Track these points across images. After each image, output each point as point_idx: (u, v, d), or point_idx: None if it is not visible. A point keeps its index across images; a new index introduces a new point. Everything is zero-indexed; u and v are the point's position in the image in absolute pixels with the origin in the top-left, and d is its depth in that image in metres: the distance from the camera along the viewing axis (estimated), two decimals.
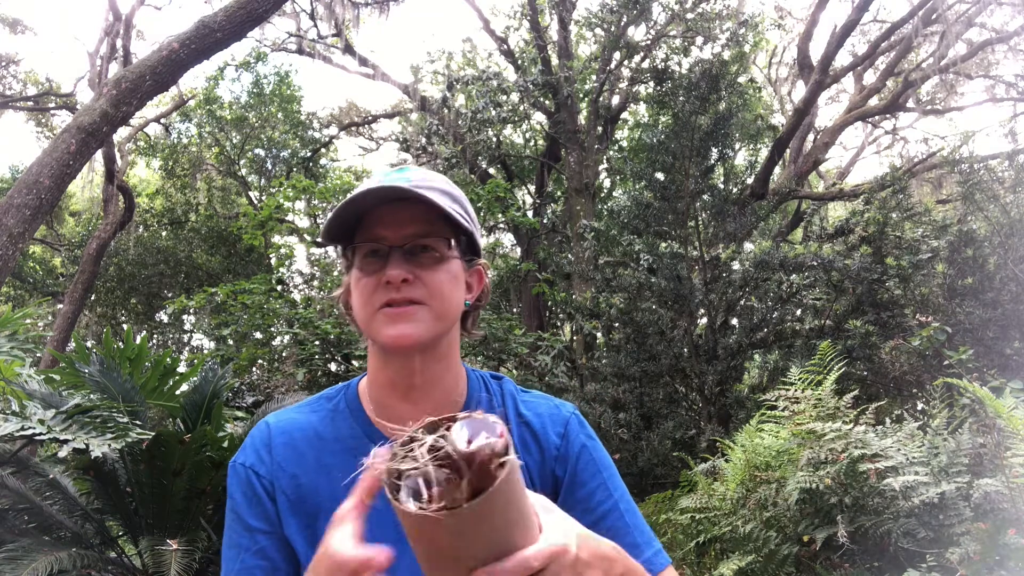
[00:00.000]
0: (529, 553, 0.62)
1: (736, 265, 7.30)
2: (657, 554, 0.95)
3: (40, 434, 2.88)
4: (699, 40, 11.81)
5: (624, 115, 15.35)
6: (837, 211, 14.64)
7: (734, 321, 7.87)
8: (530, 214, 13.85)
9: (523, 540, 0.62)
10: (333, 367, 6.73)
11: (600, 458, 1.00)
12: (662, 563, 0.94)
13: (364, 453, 0.94)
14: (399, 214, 0.91)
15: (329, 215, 0.91)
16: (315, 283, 8.95)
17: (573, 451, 0.99)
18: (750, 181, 10.61)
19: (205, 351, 14.54)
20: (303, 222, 14.82)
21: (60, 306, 13.35)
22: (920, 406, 6.01)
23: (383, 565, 0.59)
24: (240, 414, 5.26)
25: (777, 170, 12.13)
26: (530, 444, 0.99)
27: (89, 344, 11.64)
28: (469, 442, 0.57)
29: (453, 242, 0.94)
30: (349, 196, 0.90)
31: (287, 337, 7.44)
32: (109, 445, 2.86)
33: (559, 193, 15.15)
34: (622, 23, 11.92)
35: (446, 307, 0.92)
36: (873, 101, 12.93)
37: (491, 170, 14.16)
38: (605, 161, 14.34)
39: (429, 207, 0.91)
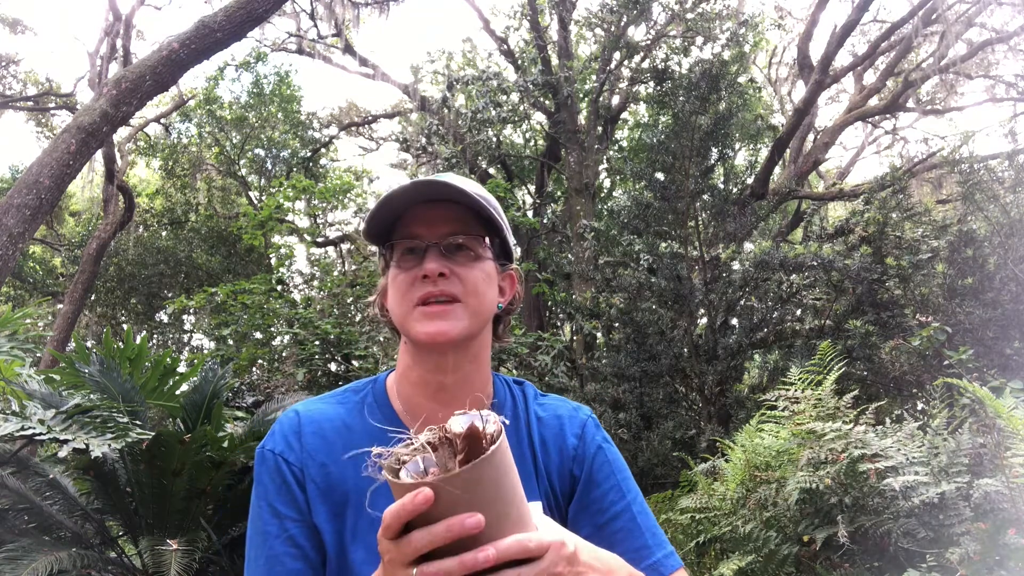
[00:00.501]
0: (525, 536, 0.63)
1: (736, 265, 7.30)
2: (668, 556, 0.96)
3: (40, 434, 2.87)
4: (699, 40, 11.80)
5: (624, 115, 15.35)
6: (837, 211, 14.65)
7: (734, 321, 7.87)
8: (530, 214, 13.85)
9: (518, 529, 0.64)
10: (333, 367, 6.72)
11: (615, 460, 1.02)
12: (673, 565, 0.95)
13: (388, 445, 0.95)
14: (435, 213, 0.93)
15: (369, 212, 0.93)
16: (315, 283, 8.95)
17: (589, 452, 1.01)
18: (750, 181, 10.61)
19: (205, 351, 14.53)
20: (303, 222, 14.85)
21: (60, 306, 13.35)
22: (920, 406, 6.01)
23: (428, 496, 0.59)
24: (240, 414, 5.26)
25: (777, 170, 12.13)
26: (549, 444, 1.01)
27: (89, 344, 11.64)
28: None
29: (487, 241, 0.96)
30: (389, 192, 0.92)
31: (287, 337, 7.44)
32: (109, 445, 2.86)
33: (559, 193, 15.14)
34: (622, 23, 11.92)
35: (481, 304, 0.94)
36: (873, 101, 12.93)
37: (491, 170, 14.16)
38: (605, 161, 14.34)
39: (465, 208, 0.93)
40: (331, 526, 0.91)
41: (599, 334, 9.32)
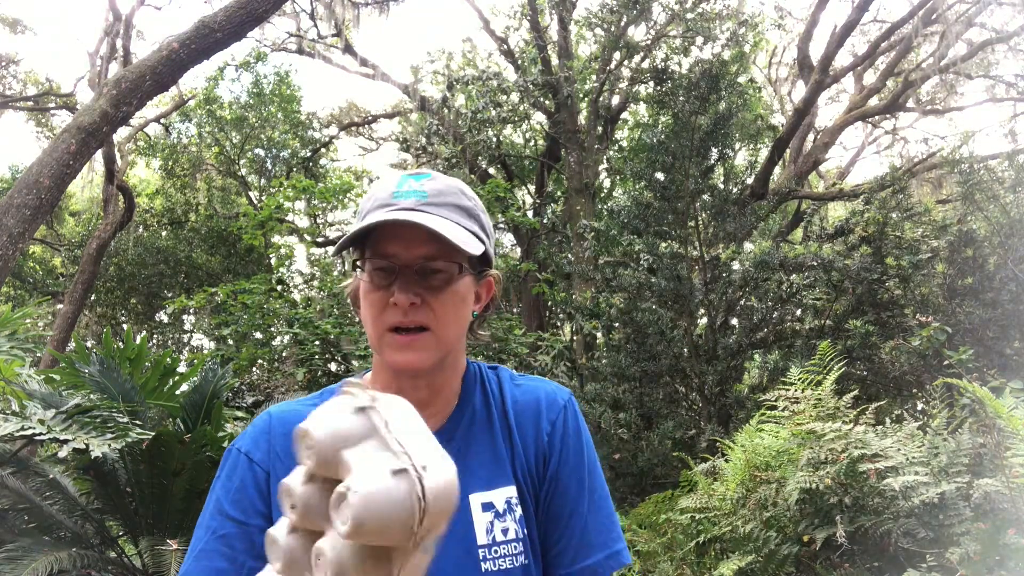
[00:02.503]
0: None
1: (736, 265, 7.30)
2: (610, 557, 0.97)
3: (40, 434, 2.87)
4: (699, 40, 11.80)
5: (624, 115, 15.34)
6: (837, 211, 14.63)
7: (734, 321, 7.87)
8: (530, 214, 13.84)
9: None
10: (333, 367, 6.72)
11: (584, 449, 1.02)
12: (613, 566, 0.97)
13: None
14: (411, 231, 0.90)
15: (347, 233, 0.92)
16: (315, 283, 8.95)
17: (560, 438, 1.01)
18: (750, 181, 10.61)
19: (205, 351, 14.53)
20: (303, 222, 14.84)
21: (60, 306, 13.34)
22: (920, 406, 6.01)
23: None
24: (240, 414, 5.25)
25: (777, 170, 12.13)
26: (526, 427, 1.01)
27: (89, 344, 11.63)
28: None
29: (465, 264, 0.93)
30: (365, 220, 0.89)
31: (287, 337, 7.44)
32: (109, 445, 2.86)
33: (559, 193, 15.14)
34: (622, 23, 11.92)
35: (451, 332, 0.93)
36: (873, 101, 12.93)
37: (491, 170, 14.16)
38: (605, 161, 14.33)
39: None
40: None
41: (599, 334, 9.31)
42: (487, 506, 0.94)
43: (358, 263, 0.94)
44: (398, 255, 0.90)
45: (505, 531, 0.93)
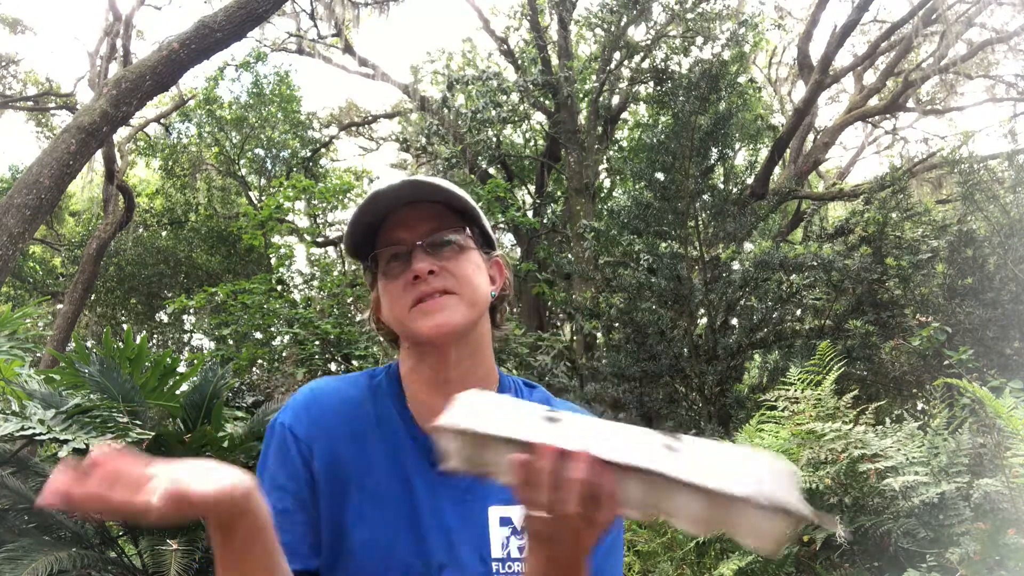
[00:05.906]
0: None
1: (736, 265, 7.30)
2: None
3: (40, 434, 2.87)
4: (699, 40, 11.80)
5: (624, 115, 15.34)
6: (837, 211, 14.62)
7: (734, 321, 7.87)
8: (530, 214, 13.84)
9: None
10: (333, 367, 6.73)
11: None
12: None
13: (396, 432, 0.96)
14: (411, 215, 0.94)
15: (347, 227, 0.94)
16: (315, 283, 8.94)
17: None
18: (750, 181, 10.61)
19: (205, 351, 14.53)
20: (303, 222, 14.84)
21: (60, 306, 13.34)
22: (920, 406, 6.01)
23: None
24: (240, 414, 5.25)
25: (777, 170, 12.12)
26: None
27: (89, 344, 11.63)
28: None
29: (469, 231, 0.96)
30: (361, 204, 0.93)
31: (287, 337, 7.44)
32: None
33: (559, 193, 15.13)
34: (622, 23, 11.92)
35: (476, 293, 0.94)
36: (873, 101, 12.92)
37: (491, 170, 14.15)
38: (605, 161, 14.33)
39: (439, 204, 0.94)
40: (329, 505, 0.91)
41: (599, 334, 9.31)
42: (505, 520, 0.92)
43: (372, 267, 0.97)
44: (406, 238, 0.93)
45: (521, 548, 0.91)
